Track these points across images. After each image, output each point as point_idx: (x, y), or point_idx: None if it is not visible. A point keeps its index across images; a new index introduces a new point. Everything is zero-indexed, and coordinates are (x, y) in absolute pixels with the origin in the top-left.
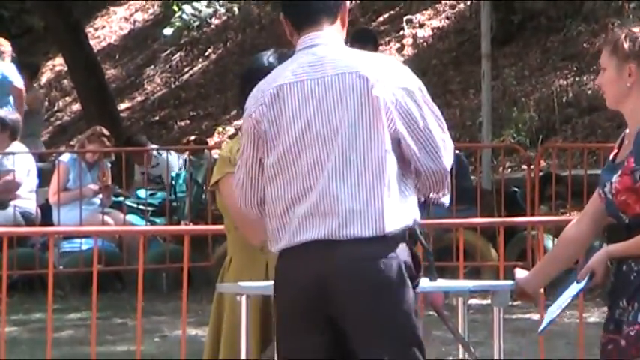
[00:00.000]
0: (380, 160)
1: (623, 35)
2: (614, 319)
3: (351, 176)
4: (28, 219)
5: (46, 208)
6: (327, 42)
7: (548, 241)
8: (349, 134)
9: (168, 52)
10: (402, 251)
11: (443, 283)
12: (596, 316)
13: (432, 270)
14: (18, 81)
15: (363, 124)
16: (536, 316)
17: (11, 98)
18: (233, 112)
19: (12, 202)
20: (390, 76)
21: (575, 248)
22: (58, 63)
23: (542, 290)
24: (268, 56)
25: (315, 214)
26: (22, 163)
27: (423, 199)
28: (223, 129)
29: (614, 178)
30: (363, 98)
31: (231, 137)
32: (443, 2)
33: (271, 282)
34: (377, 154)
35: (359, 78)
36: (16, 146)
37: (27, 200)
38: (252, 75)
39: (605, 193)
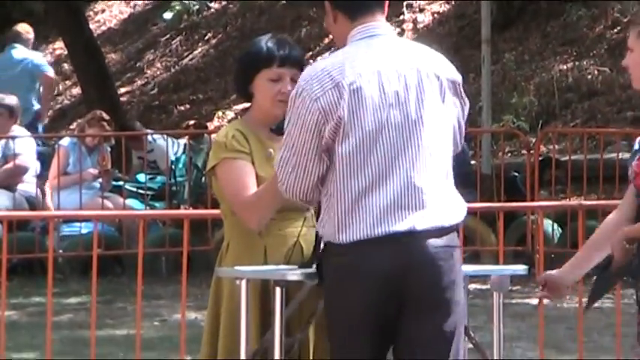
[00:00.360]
0: (448, 155)
1: None
2: (638, 302)
3: (428, 170)
4: (32, 203)
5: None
6: (387, 32)
7: (548, 226)
8: (427, 129)
9: (168, 36)
10: (458, 241)
11: None
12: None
13: None
14: (50, 70)
15: (438, 120)
16: (535, 301)
17: (37, 85)
18: (233, 97)
19: (17, 186)
20: (448, 72)
21: (615, 231)
22: (58, 47)
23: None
24: (266, 41)
25: (398, 205)
26: (27, 146)
27: None
28: (223, 113)
29: (634, 161)
30: (438, 96)
31: (231, 121)
32: None
33: (270, 266)
34: (446, 149)
35: (435, 77)
36: (18, 130)
37: (30, 184)
38: (249, 59)
39: (629, 177)
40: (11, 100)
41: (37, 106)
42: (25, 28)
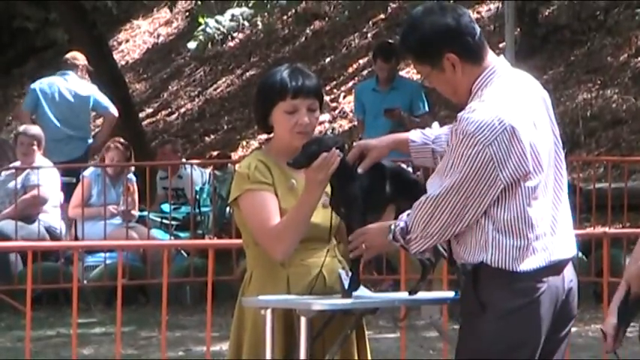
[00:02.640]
0: (565, 182)
1: None
2: None
3: (564, 200)
4: (52, 234)
5: (76, 223)
6: (504, 66)
7: None
8: (556, 158)
9: (192, 66)
10: None
11: None
12: None
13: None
14: (114, 109)
15: (558, 148)
16: None
17: (89, 117)
18: (257, 126)
19: (38, 217)
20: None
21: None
22: None
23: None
24: (280, 73)
25: (561, 234)
26: (47, 177)
27: None
28: (247, 143)
29: None
30: (555, 125)
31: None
32: None
33: (293, 296)
34: (565, 176)
35: (549, 104)
36: (41, 160)
37: (51, 215)
38: (264, 92)
39: None
40: (36, 129)
41: (91, 139)
42: (72, 55)
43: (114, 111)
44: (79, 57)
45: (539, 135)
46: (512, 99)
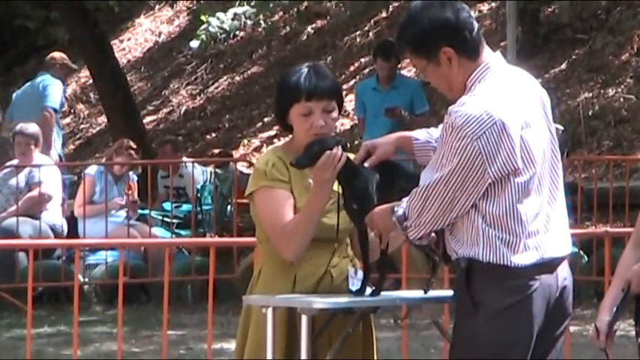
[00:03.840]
0: (561, 180)
1: None
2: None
3: (560, 198)
4: (56, 232)
5: (72, 221)
6: (499, 61)
7: (574, 254)
8: (552, 157)
9: (193, 64)
10: None
11: None
12: (621, 328)
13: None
14: (50, 102)
15: (554, 147)
16: None
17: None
18: (259, 124)
19: (41, 215)
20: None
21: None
22: (84, 75)
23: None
24: (297, 73)
25: (556, 231)
26: (50, 174)
27: None
28: (249, 141)
29: None
30: (551, 124)
31: (256, 150)
32: None
33: (297, 295)
34: (560, 175)
35: (546, 100)
36: (42, 158)
37: (54, 213)
38: (280, 94)
39: None
40: (34, 127)
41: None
42: (50, 55)
43: (48, 109)
44: (56, 56)
45: (533, 132)
46: (503, 95)
